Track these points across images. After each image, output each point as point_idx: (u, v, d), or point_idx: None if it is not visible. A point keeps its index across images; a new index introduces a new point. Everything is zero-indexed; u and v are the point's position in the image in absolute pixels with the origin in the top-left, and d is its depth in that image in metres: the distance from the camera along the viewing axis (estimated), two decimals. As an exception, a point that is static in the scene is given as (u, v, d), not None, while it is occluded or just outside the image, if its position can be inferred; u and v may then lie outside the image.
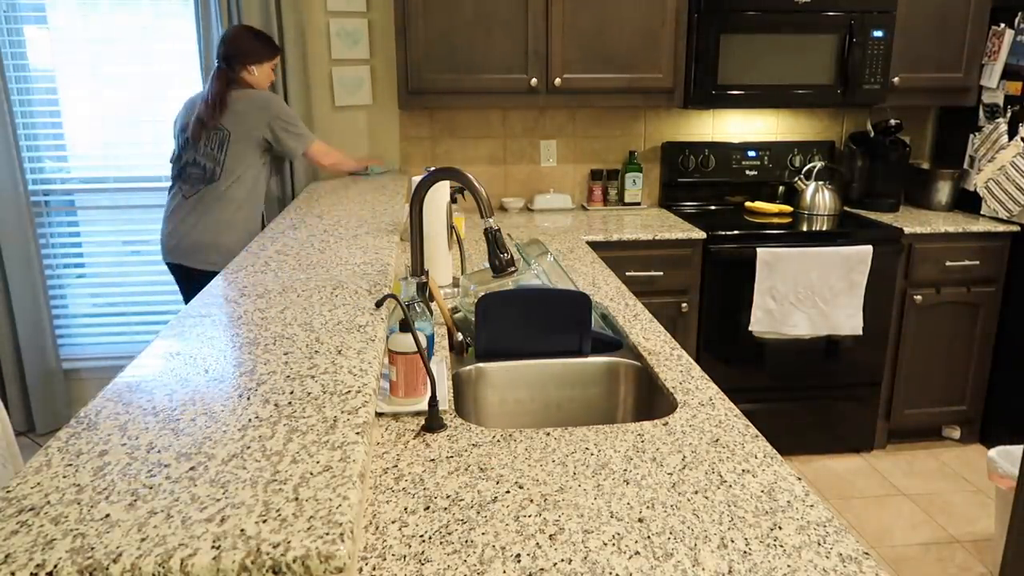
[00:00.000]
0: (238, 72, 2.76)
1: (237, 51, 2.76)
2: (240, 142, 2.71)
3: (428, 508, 1.04)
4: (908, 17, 3.15)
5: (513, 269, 1.63)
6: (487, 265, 1.66)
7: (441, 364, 1.54)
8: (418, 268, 1.77)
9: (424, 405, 1.34)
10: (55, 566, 0.68)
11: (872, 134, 3.38)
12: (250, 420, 0.97)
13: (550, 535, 0.98)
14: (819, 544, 0.97)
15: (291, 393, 1.05)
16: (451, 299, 1.99)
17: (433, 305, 1.73)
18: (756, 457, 1.19)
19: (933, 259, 3.09)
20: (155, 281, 3.52)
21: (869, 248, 2.92)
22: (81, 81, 3.30)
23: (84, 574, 0.68)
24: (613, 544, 0.96)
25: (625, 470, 1.15)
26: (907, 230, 3.04)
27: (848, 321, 2.98)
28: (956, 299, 3.14)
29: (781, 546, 0.96)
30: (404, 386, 1.33)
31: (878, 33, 3.06)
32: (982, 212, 3.23)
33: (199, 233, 2.73)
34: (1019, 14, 3.08)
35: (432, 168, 1.72)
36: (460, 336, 1.69)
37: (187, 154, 2.75)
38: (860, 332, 2.99)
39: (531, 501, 1.06)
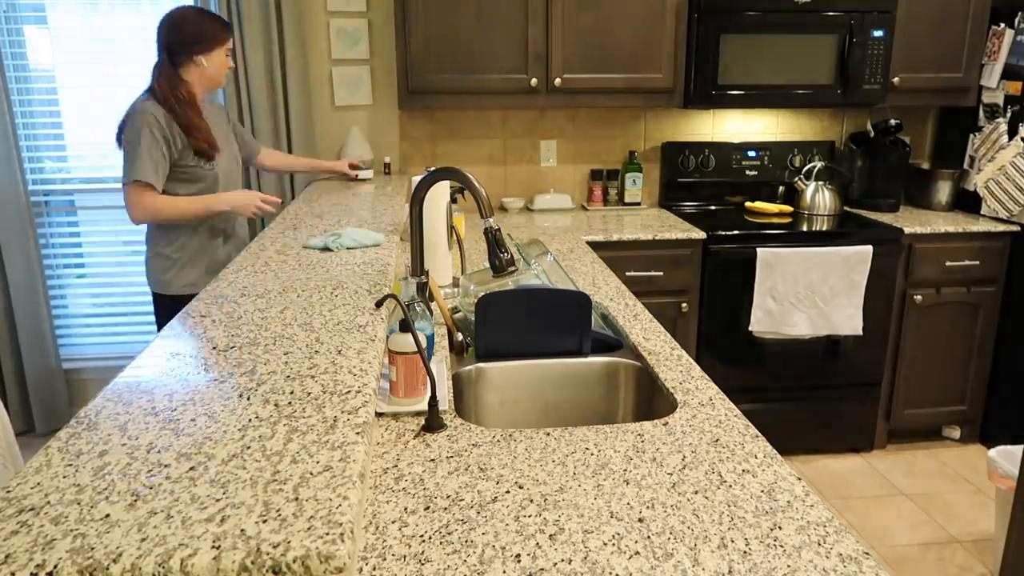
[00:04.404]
0: (183, 64, 2.32)
1: (182, 39, 2.30)
2: None
3: (428, 508, 1.04)
4: (908, 17, 3.15)
5: (513, 269, 1.63)
6: (487, 265, 1.66)
7: (441, 364, 1.54)
8: (418, 268, 1.77)
9: (424, 405, 1.33)
10: (55, 566, 0.68)
11: (872, 134, 3.38)
12: (250, 420, 0.97)
13: (550, 535, 0.98)
14: (819, 544, 0.97)
15: (291, 393, 1.05)
16: (451, 299, 1.99)
17: (433, 305, 1.73)
18: (756, 457, 1.19)
19: (933, 259, 3.09)
20: (155, 281, 3.52)
21: (869, 248, 2.92)
22: (81, 81, 3.30)
23: (84, 574, 0.68)
24: (613, 544, 0.96)
25: (625, 470, 1.15)
26: (907, 230, 3.04)
27: (848, 321, 2.98)
28: (956, 299, 3.14)
29: (781, 546, 0.96)
30: (404, 386, 1.33)
31: (878, 33, 3.06)
32: (982, 212, 3.23)
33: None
34: (1019, 14, 3.08)
35: (432, 168, 1.72)
36: (460, 336, 1.69)
37: None
38: (860, 332, 2.99)
39: (531, 501, 1.06)
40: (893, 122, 3.28)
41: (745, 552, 0.95)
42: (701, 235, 2.97)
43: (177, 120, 2.30)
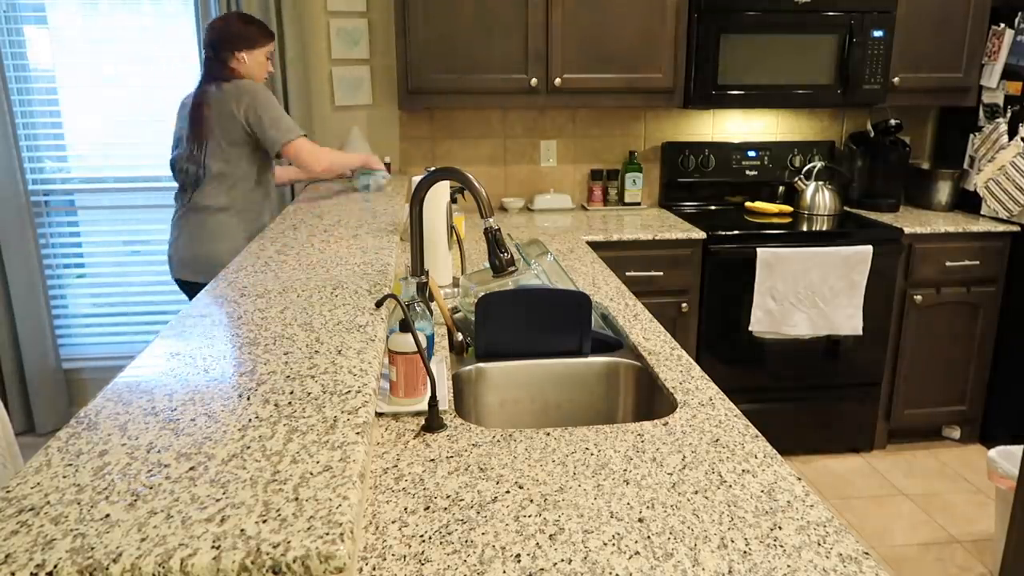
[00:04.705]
0: (227, 60, 2.49)
1: (224, 36, 2.49)
2: (217, 138, 2.46)
3: (428, 508, 1.04)
4: (908, 17, 3.15)
5: (513, 269, 1.63)
6: (487, 265, 1.66)
7: (441, 364, 1.54)
8: (418, 268, 1.77)
9: (424, 405, 1.33)
10: (55, 566, 0.68)
11: (872, 134, 3.38)
12: (250, 420, 0.97)
13: (550, 535, 0.98)
14: (819, 544, 0.97)
15: (291, 393, 1.05)
16: (451, 299, 1.99)
17: (433, 305, 1.73)
18: (756, 457, 1.19)
19: (933, 259, 3.09)
20: (155, 281, 3.52)
21: (869, 248, 2.92)
22: (81, 81, 3.30)
23: (84, 574, 0.68)
24: (613, 544, 0.96)
25: (625, 470, 1.15)
26: (907, 230, 3.04)
27: (848, 321, 2.98)
28: (956, 299, 3.14)
29: (781, 546, 0.96)
30: (404, 386, 1.33)
31: (878, 33, 3.06)
32: (982, 212, 3.23)
33: (190, 245, 2.55)
34: (1019, 14, 3.08)
35: (432, 168, 1.72)
36: (460, 336, 1.69)
37: (179, 159, 2.57)
38: (860, 332, 2.99)
39: (531, 501, 1.06)
40: (893, 122, 3.28)
41: (745, 552, 0.95)
42: (701, 235, 2.97)
43: None
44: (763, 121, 3.57)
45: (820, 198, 3.31)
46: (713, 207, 3.51)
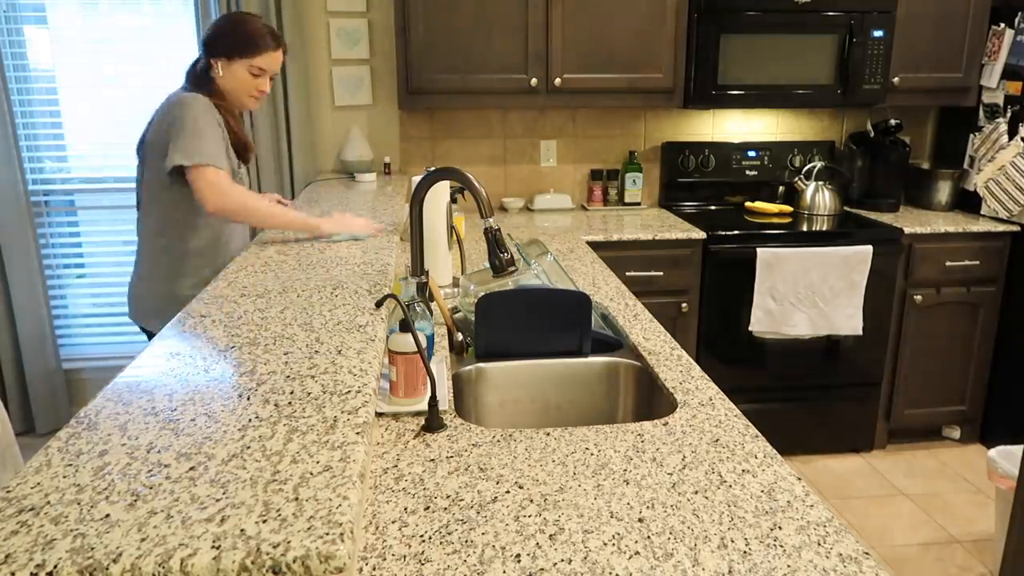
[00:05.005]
0: (208, 67, 2.09)
1: (208, 38, 2.09)
2: (148, 155, 2.06)
3: (428, 508, 1.04)
4: (908, 17, 3.15)
5: (513, 269, 1.63)
6: (487, 265, 1.66)
7: (441, 364, 1.54)
8: (418, 268, 1.77)
9: (424, 405, 1.33)
10: (55, 566, 0.68)
11: (872, 134, 3.38)
12: (250, 420, 0.97)
13: (550, 535, 0.98)
14: (819, 544, 0.97)
15: (291, 393, 1.05)
16: (451, 299, 1.99)
17: (433, 305, 1.73)
18: (756, 457, 1.19)
19: (933, 259, 3.09)
20: (155, 281, 3.52)
21: (869, 248, 2.92)
22: (81, 81, 3.30)
23: (84, 574, 0.68)
24: (613, 544, 0.96)
25: (625, 470, 1.15)
26: (907, 230, 3.04)
27: (848, 321, 2.98)
28: (956, 299, 3.14)
29: (781, 546, 0.96)
30: (404, 386, 1.33)
31: (878, 33, 3.06)
32: (982, 212, 3.23)
33: (133, 275, 2.18)
34: (1019, 14, 3.08)
35: (432, 168, 1.72)
36: (460, 336, 1.69)
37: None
38: (860, 332, 2.99)
39: (531, 501, 1.06)
40: (893, 122, 3.28)
41: (745, 552, 0.95)
42: (701, 235, 2.97)
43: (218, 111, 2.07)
44: (763, 121, 3.57)
45: (820, 198, 3.31)
46: (713, 207, 3.50)
